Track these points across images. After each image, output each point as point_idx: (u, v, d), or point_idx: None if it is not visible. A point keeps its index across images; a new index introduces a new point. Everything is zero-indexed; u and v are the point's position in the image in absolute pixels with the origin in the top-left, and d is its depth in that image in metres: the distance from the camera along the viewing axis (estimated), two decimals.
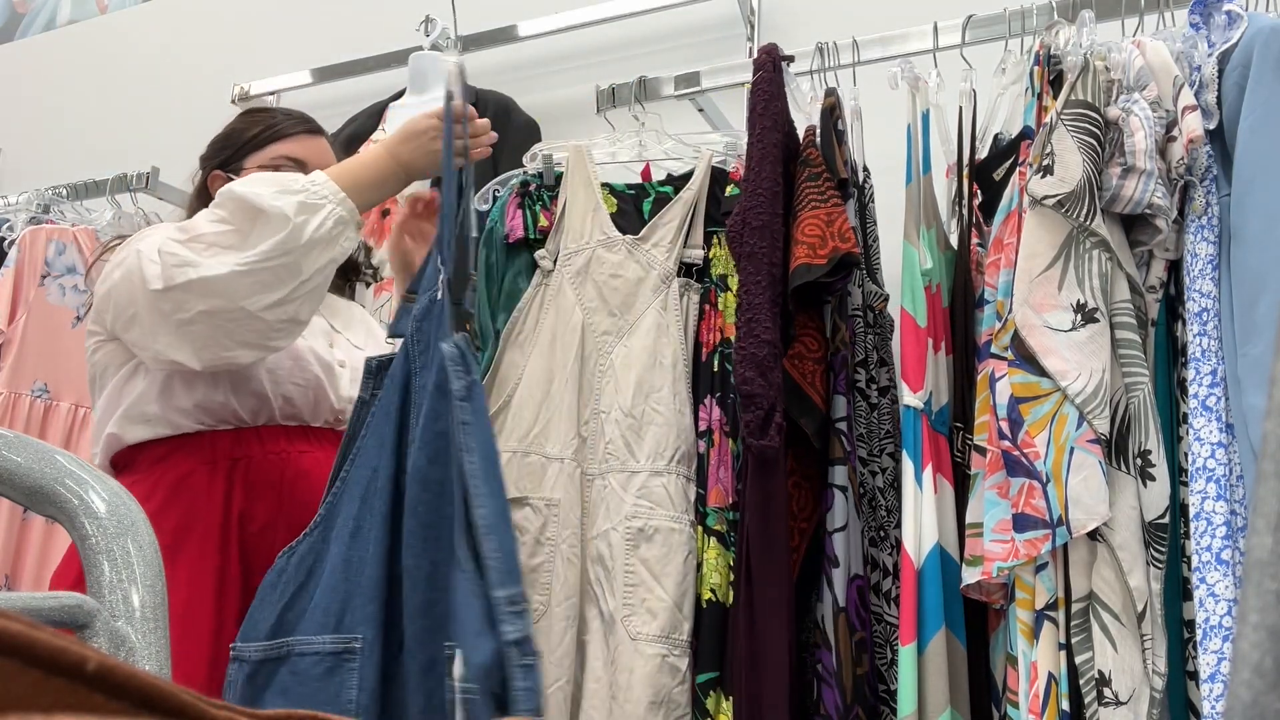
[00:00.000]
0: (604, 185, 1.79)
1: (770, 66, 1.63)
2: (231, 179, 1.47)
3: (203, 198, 1.52)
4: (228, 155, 1.56)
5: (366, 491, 1.26)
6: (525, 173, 1.82)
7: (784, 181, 1.60)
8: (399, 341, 1.35)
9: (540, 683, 1.11)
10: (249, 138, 1.56)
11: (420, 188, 1.67)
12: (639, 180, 1.87)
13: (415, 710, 1.18)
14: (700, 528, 1.61)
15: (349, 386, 1.56)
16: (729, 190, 1.75)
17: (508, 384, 1.70)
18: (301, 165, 1.52)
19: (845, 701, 1.46)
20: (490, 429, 1.22)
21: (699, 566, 1.60)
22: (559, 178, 1.80)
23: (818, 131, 1.61)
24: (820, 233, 1.51)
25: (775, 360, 1.50)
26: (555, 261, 1.74)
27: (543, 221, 1.78)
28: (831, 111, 1.61)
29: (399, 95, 2.22)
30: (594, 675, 1.58)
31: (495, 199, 1.81)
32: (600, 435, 1.66)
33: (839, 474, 1.52)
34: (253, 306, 1.28)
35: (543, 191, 1.80)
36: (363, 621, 1.21)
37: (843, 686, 1.47)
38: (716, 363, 1.68)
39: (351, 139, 2.17)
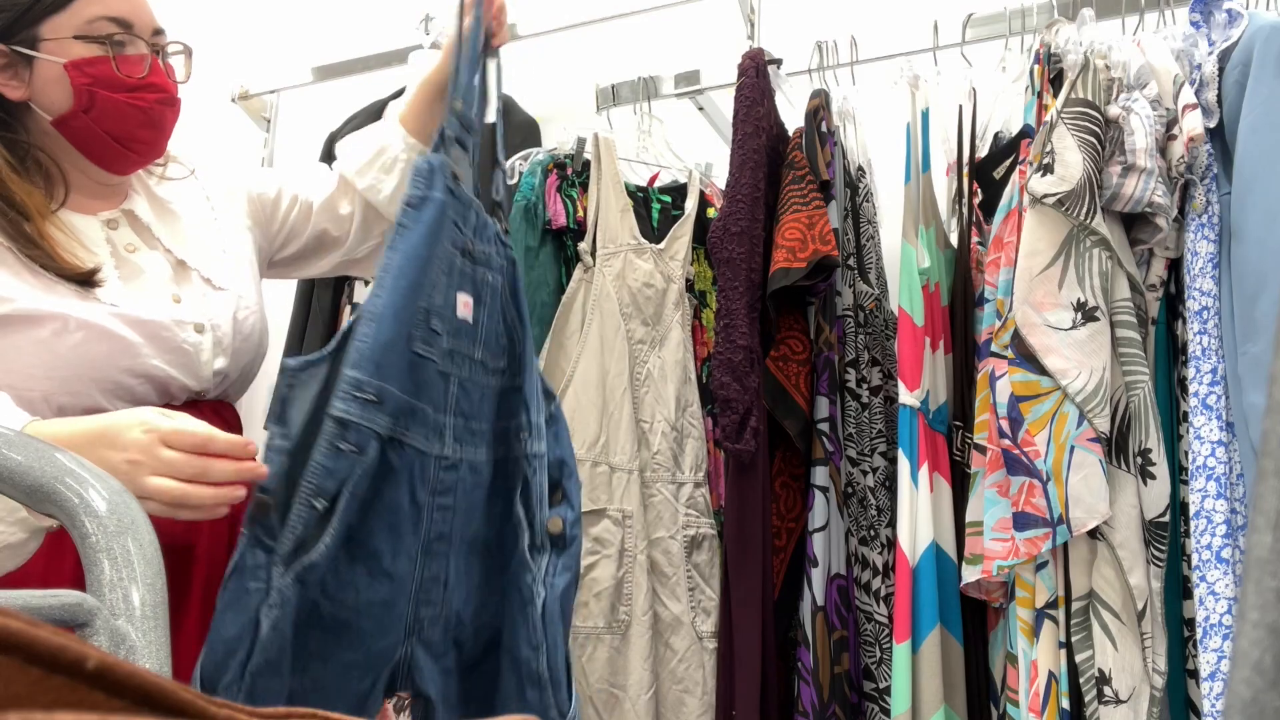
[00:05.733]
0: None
1: (754, 72, 1.64)
2: (21, 54, 1.14)
3: None
4: (10, 20, 1.13)
5: None
6: (553, 152, 1.81)
7: (772, 184, 1.62)
8: None
9: None
10: None
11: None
12: (644, 183, 1.88)
13: None
14: None
15: (215, 355, 1.23)
16: (709, 212, 1.85)
17: (555, 383, 1.69)
18: (127, 28, 1.18)
19: (822, 699, 1.47)
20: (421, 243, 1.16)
21: None
22: (585, 165, 1.80)
23: (803, 134, 1.62)
24: (801, 236, 1.52)
25: (751, 365, 1.52)
26: (595, 259, 1.74)
27: (578, 211, 1.77)
28: (816, 114, 1.62)
29: (399, 94, 2.22)
30: (674, 678, 1.64)
31: (518, 173, 1.80)
32: (646, 445, 1.70)
33: (820, 474, 1.54)
34: None
35: (574, 178, 1.80)
36: None
37: (819, 684, 1.48)
38: (705, 375, 1.77)
39: None
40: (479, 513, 1.27)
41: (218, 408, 1.28)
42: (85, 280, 1.13)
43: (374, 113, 2.20)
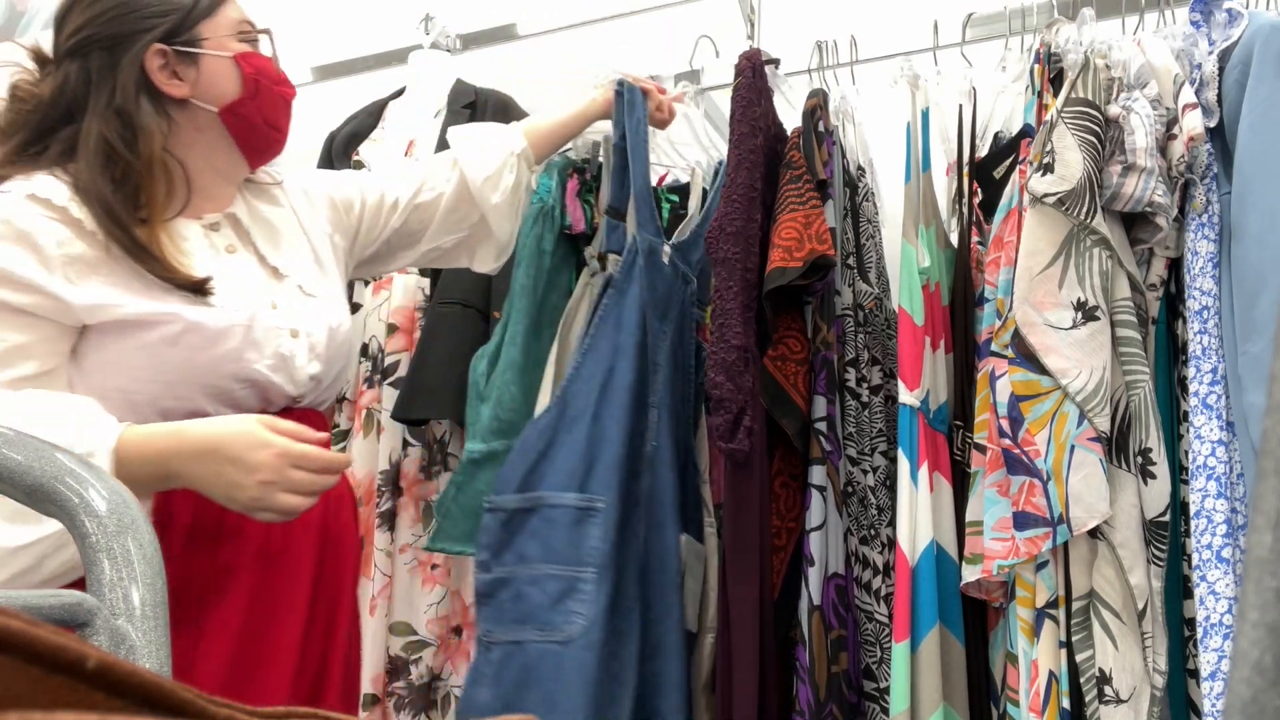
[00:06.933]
0: None
1: (750, 72, 1.63)
2: (184, 54, 1.23)
3: (139, 86, 1.21)
4: (171, 25, 1.22)
5: (605, 386, 1.55)
6: (566, 154, 1.82)
7: (770, 184, 1.62)
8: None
9: None
10: (193, 2, 1.24)
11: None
12: (653, 184, 1.89)
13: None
14: None
15: (309, 360, 1.26)
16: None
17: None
18: (262, 31, 1.33)
19: (818, 698, 1.47)
20: None
21: None
22: (599, 169, 1.82)
23: (800, 134, 1.62)
24: (797, 235, 1.52)
25: (746, 364, 1.52)
26: (606, 262, 1.76)
27: (595, 217, 1.79)
28: (813, 113, 1.62)
29: (399, 94, 2.22)
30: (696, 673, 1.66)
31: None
32: None
33: (817, 474, 1.54)
34: None
35: (592, 182, 1.82)
36: (605, 488, 1.51)
37: (815, 683, 1.48)
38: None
39: (351, 138, 2.17)
40: None
41: (310, 416, 1.29)
42: (196, 289, 1.17)
43: (374, 112, 2.20)
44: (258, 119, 1.28)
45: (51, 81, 1.21)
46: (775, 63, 1.71)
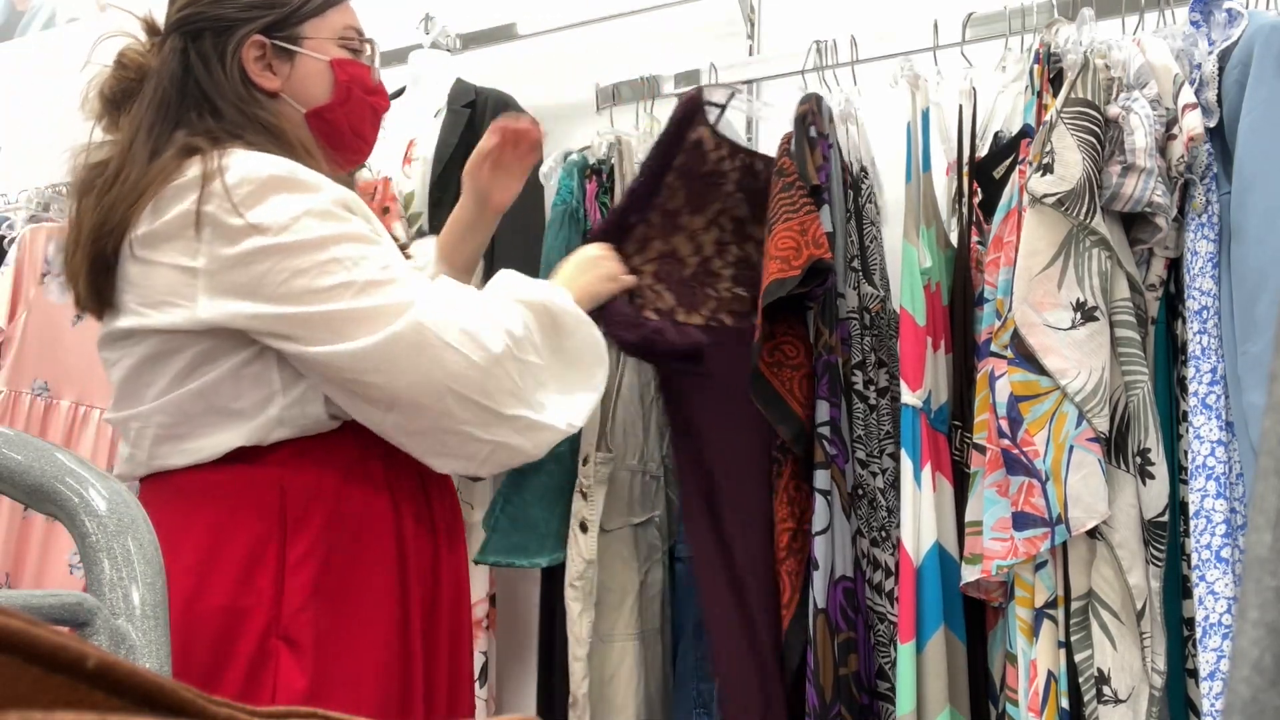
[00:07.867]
0: None
1: (682, 121, 1.62)
2: (282, 49, 1.24)
3: (241, 73, 1.22)
4: (274, 19, 1.24)
5: None
6: (584, 152, 1.83)
7: (756, 211, 1.63)
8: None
9: None
10: (301, 1, 1.26)
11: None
12: None
13: None
14: None
15: None
16: None
17: (607, 398, 1.74)
18: (364, 40, 1.32)
19: (824, 700, 1.47)
20: None
21: None
22: (612, 169, 1.83)
23: (791, 139, 1.61)
24: (794, 244, 1.51)
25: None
26: None
27: None
28: (804, 118, 1.60)
29: (399, 93, 2.22)
30: None
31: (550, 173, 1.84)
32: (663, 448, 1.77)
33: (821, 478, 1.53)
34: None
35: (608, 184, 1.83)
36: None
37: (820, 686, 1.48)
38: None
39: None
40: None
41: None
42: (403, 249, 1.29)
43: None
44: (344, 125, 1.29)
45: (158, 55, 1.22)
46: (733, 92, 1.70)
